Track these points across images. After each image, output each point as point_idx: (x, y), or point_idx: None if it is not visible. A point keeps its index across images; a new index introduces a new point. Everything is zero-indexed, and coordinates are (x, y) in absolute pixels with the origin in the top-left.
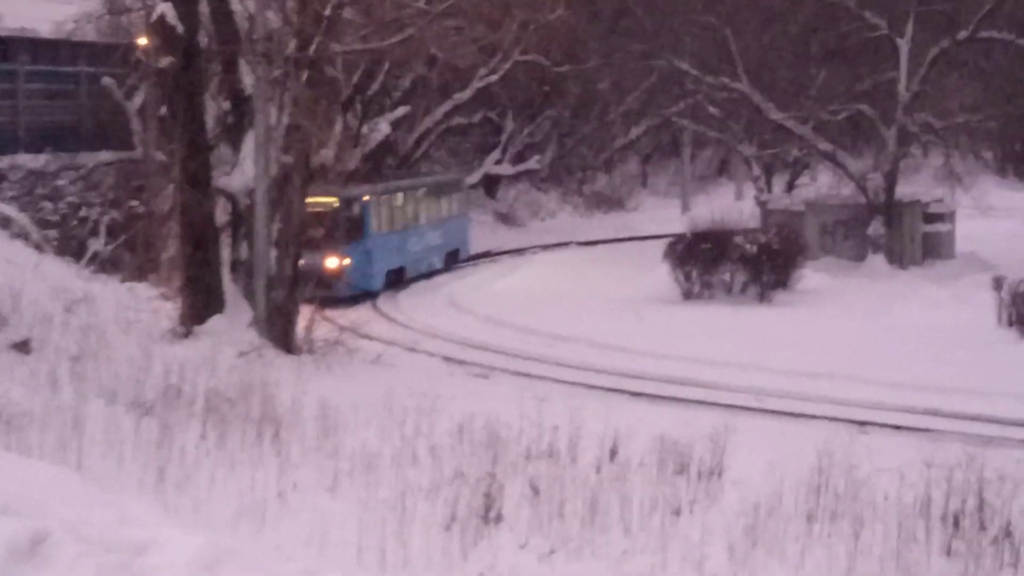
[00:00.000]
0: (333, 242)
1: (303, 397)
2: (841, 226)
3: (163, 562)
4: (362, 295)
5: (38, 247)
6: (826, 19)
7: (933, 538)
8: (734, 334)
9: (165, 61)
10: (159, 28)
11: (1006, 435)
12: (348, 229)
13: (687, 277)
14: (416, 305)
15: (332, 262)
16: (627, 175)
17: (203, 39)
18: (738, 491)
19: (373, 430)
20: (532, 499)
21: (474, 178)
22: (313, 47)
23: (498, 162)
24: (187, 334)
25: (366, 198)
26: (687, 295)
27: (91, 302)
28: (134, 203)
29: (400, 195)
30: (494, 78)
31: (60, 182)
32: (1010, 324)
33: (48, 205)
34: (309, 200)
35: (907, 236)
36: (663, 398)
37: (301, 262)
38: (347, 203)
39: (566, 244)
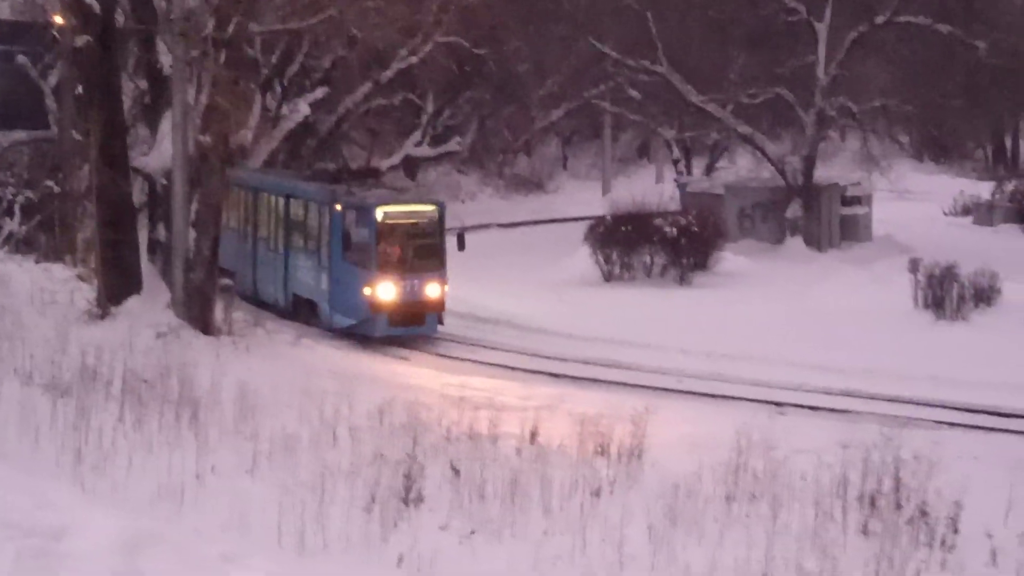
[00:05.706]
0: (430, 263)
1: (222, 379)
2: (760, 209)
3: (83, 546)
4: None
5: None
6: (746, 3)
7: (850, 518)
8: (654, 316)
9: (81, 40)
10: (75, 6)
11: (922, 416)
12: (441, 246)
13: (607, 259)
14: None
15: (434, 290)
16: (548, 157)
17: (120, 18)
18: (658, 472)
19: (292, 412)
20: (453, 481)
21: (394, 160)
22: (231, 27)
23: (418, 144)
24: (104, 315)
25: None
26: (607, 277)
27: (6, 283)
28: (50, 183)
29: None
30: (414, 59)
31: None
32: (926, 306)
33: None
34: (394, 209)
35: (825, 219)
36: (584, 380)
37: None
38: (440, 211)
39: (487, 226)
